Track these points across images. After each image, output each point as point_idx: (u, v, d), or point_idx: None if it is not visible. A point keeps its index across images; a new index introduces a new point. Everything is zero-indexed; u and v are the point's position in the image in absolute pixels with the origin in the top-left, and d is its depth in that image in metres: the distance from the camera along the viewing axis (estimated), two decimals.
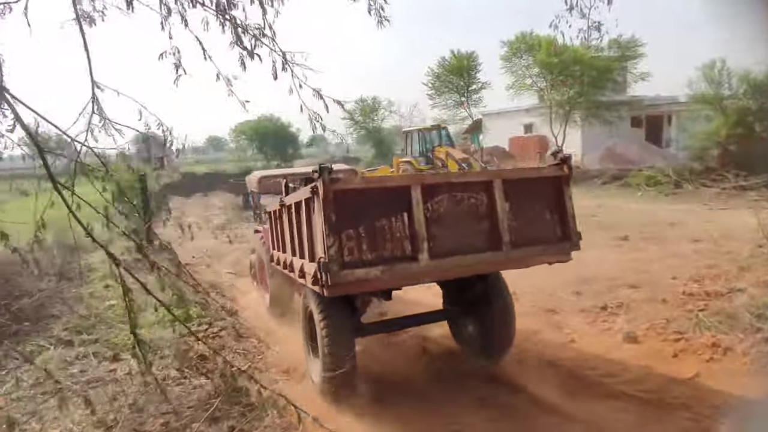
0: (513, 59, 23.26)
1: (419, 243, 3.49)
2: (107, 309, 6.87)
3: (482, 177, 4.22)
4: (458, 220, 3.69)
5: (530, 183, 4.07)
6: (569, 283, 7.27)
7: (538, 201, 3.98)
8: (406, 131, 22.00)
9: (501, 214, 3.72)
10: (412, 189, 3.53)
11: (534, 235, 3.91)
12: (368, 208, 3.50)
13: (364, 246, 3.45)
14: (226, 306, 8.21)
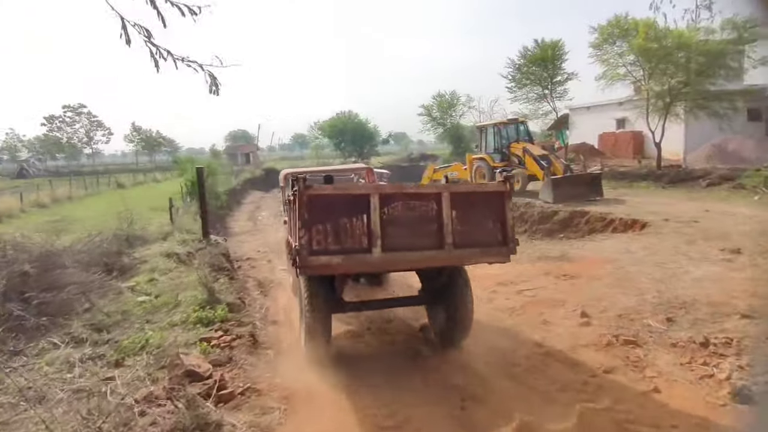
0: (604, 46, 20.97)
1: (374, 239, 4.28)
2: (137, 305, 6.56)
3: (433, 190, 4.77)
4: (410, 223, 4.45)
5: (476, 196, 4.86)
6: (659, 306, 5.91)
7: (482, 211, 4.66)
8: (480, 126, 20.63)
9: (447, 220, 4.42)
10: (371, 196, 4.33)
11: (475, 239, 4.60)
12: (335, 209, 4.34)
13: (330, 239, 4.28)
14: (263, 307, 7.72)
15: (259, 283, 9.87)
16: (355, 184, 6.63)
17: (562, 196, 15.49)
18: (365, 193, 4.43)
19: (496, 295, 7.32)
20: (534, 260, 9.12)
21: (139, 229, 11.59)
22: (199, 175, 11.15)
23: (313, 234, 4.24)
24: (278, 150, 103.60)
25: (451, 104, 38.62)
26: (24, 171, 54.59)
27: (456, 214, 4.48)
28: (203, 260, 10.10)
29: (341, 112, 44.68)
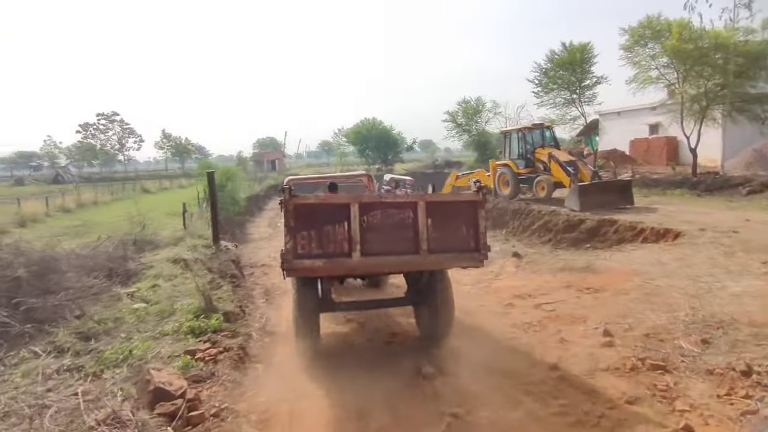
0: (635, 48, 20.03)
1: (353, 244, 4.57)
2: (131, 313, 6.28)
3: (409, 199, 5.02)
4: (387, 229, 4.71)
5: (451, 205, 5.06)
6: (693, 325, 5.29)
7: (456, 219, 4.86)
8: (504, 131, 19.98)
9: (422, 227, 4.68)
10: (351, 206, 4.61)
11: (449, 245, 4.82)
12: (319, 217, 4.62)
13: (313, 244, 4.59)
14: (263, 316, 7.37)
15: (266, 291, 9.56)
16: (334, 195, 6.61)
17: (589, 203, 14.74)
18: (346, 202, 4.71)
19: (512, 308, 6.78)
20: (556, 271, 8.52)
21: (151, 234, 11.45)
22: (210, 180, 10.95)
23: (298, 239, 4.58)
24: (305, 157, 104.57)
25: (476, 110, 37.89)
26: (59, 177, 56.33)
27: (431, 222, 4.77)
28: (211, 266, 9.91)
29: (365, 118, 44.49)
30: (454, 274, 9.55)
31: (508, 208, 17.77)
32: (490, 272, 9.32)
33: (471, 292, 7.83)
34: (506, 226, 17.25)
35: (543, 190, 17.20)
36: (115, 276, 8.10)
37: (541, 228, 15.09)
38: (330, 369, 4.90)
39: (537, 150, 17.86)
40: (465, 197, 5.18)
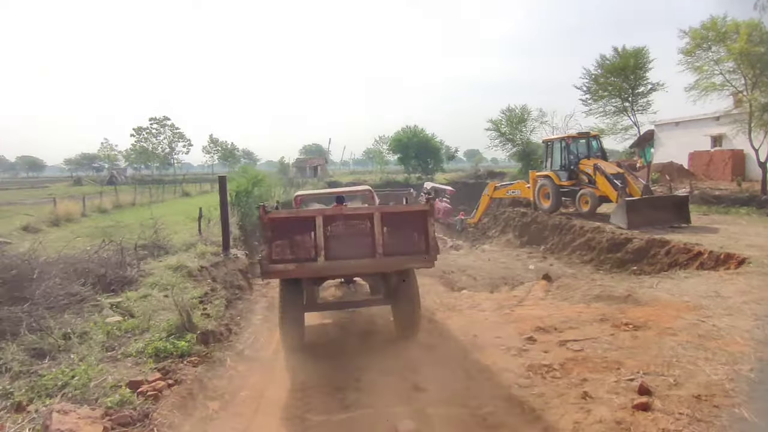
0: (696, 52, 18.27)
1: (319, 250, 5.36)
2: (101, 327, 5.70)
3: (367, 211, 5.69)
4: (348, 237, 5.53)
5: (403, 214, 5.79)
6: (762, 386, 4.09)
7: (408, 227, 5.61)
8: (546, 140, 18.64)
9: (378, 234, 5.40)
10: (316, 218, 5.40)
11: (402, 249, 5.55)
12: (291, 228, 5.43)
13: (287, 251, 5.40)
14: (253, 337, 6.64)
15: (270, 305, 8.88)
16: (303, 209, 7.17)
17: (638, 220, 13.30)
18: (312, 215, 5.45)
19: (532, 344, 5.74)
20: (590, 300, 7.35)
21: (164, 240, 11.05)
22: (221, 185, 10.46)
23: (273, 247, 5.32)
24: (351, 165, 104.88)
25: (521, 119, 36.26)
26: (113, 178, 58.70)
27: (386, 230, 5.43)
28: (215, 275, 9.35)
29: (407, 126, 43.62)
30: (474, 299, 8.68)
31: (547, 222, 16.49)
32: (514, 297, 8.28)
33: (488, 320, 6.83)
34: (545, 242, 15.98)
35: (586, 205, 15.78)
36: (106, 283, 7.65)
37: (583, 246, 13.77)
38: None
39: (582, 161, 16.47)
40: (416, 207, 5.87)
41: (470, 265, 14.00)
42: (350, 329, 6.98)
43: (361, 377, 5.10)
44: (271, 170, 57.78)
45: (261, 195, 20.14)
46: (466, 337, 6.15)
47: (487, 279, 11.94)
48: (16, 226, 15.23)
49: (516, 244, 17.38)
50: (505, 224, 19.13)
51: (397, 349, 5.83)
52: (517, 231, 17.85)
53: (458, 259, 15.35)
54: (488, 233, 20.08)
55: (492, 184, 21.53)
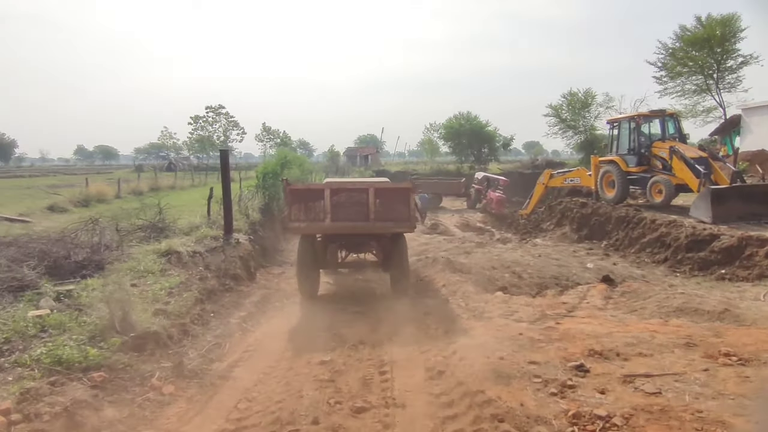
0: None
1: (326, 214, 7.00)
2: (20, 322, 4.50)
3: (364, 186, 7.39)
4: (349, 205, 7.10)
5: (392, 190, 7.45)
6: None
7: (395, 199, 7.21)
8: (612, 120, 16.14)
9: (371, 204, 7.04)
10: (325, 190, 7.10)
11: (389, 216, 7.12)
12: (306, 197, 7.13)
13: (302, 213, 7.04)
14: (219, 344, 5.27)
15: (263, 299, 7.57)
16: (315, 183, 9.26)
17: (726, 213, 10.92)
18: (322, 188, 7.25)
19: (581, 378, 3.97)
20: (668, 313, 5.41)
21: (169, 221, 10.01)
22: (223, 160, 9.20)
23: (293, 210, 7.06)
24: (407, 156, 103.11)
25: (584, 103, 33.19)
26: (172, 165, 60.33)
27: (378, 201, 7.10)
28: (210, 262, 8.12)
29: (459, 112, 41.32)
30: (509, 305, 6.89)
31: (611, 214, 14.19)
32: (562, 304, 6.43)
33: (523, 336, 5.05)
34: (607, 237, 13.74)
35: (660, 194, 13.36)
36: (68, 268, 6.55)
37: (655, 243, 11.49)
38: None
39: (655, 144, 14.02)
40: (401, 185, 7.57)
41: (517, 261, 12.09)
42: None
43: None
44: (325, 161, 57.49)
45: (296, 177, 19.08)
46: (489, 359, 4.45)
47: (534, 278, 10.03)
48: (43, 205, 14.95)
49: (573, 238, 15.15)
50: (561, 216, 16.86)
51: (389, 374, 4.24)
52: (574, 224, 15.59)
53: (503, 254, 13.45)
54: (542, 225, 17.89)
55: (548, 171, 19.27)
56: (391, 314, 6.37)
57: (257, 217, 13.07)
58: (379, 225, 7.08)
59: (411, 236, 17.75)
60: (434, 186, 27.43)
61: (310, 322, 6.12)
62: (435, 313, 6.41)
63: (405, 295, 7.36)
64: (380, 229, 7.21)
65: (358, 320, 6.23)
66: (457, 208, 25.81)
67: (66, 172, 60.89)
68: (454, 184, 27.80)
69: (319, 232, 7.47)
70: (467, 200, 27.12)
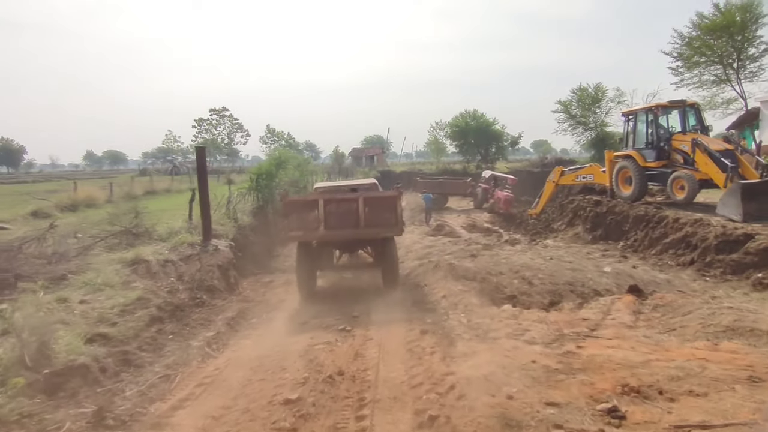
0: None
1: (320, 222, 7.53)
2: None
3: (354, 196, 7.94)
4: (341, 214, 7.67)
5: (380, 198, 8.11)
6: None
7: (383, 206, 7.82)
8: (628, 113, 15.09)
9: (361, 212, 7.62)
10: (318, 200, 7.65)
11: (378, 223, 7.71)
12: (302, 207, 7.75)
13: (298, 223, 7.61)
14: (168, 377, 4.36)
15: (239, 315, 6.67)
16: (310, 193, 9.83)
17: (757, 211, 9.92)
18: (316, 199, 7.76)
19: (616, 430, 3.00)
20: (716, 333, 4.41)
21: (147, 226, 9.17)
22: (199, 158, 8.34)
23: (291, 220, 7.65)
24: (414, 157, 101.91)
25: (594, 99, 32.03)
26: (175, 168, 59.79)
27: (367, 209, 7.67)
28: (183, 271, 7.24)
29: (465, 110, 40.29)
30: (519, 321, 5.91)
31: (628, 213, 13.17)
32: (582, 321, 5.45)
33: (537, 365, 4.08)
34: (624, 237, 12.74)
35: (682, 191, 12.32)
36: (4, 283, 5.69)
37: (679, 243, 10.47)
38: None
39: (675, 136, 12.97)
40: (388, 194, 8.31)
41: (527, 265, 11.13)
42: None
43: None
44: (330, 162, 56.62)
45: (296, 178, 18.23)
46: (495, 398, 3.52)
47: (547, 285, 9.08)
48: (27, 211, 14.21)
49: (586, 239, 14.14)
50: (573, 215, 15.84)
51: (368, 420, 3.31)
52: (588, 223, 14.57)
53: (512, 257, 12.50)
54: (552, 225, 16.88)
55: (558, 168, 18.24)
56: (382, 333, 5.46)
57: (247, 220, 12.22)
58: (368, 231, 7.75)
59: (414, 239, 16.91)
60: (439, 186, 26.46)
61: (285, 344, 5.22)
62: (432, 330, 5.48)
63: (400, 310, 6.93)
64: (369, 234, 7.89)
65: (343, 341, 5.31)
66: (464, 208, 24.82)
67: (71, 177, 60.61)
68: (460, 184, 26.82)
69: (314, 239, 8.04)
70: (474, 200, 26.14)
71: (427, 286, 7.93)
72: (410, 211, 25.43)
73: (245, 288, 8.35)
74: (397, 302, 7.34)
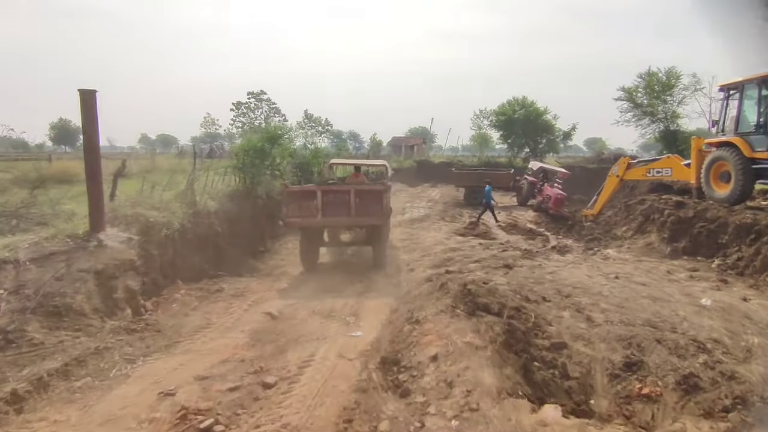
0: None
1: (318, 210, 8.73)
2: None
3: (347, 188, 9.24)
4: (335, 203, 8.83)
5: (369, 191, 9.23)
6: None
7: (371, 198, 9.01)
8: (727, 86, 11.36)
9: (352, 202, 8.78)
10: (317, 191, 8.92)
11: (367, 212, 8.92)
12: (301, 196, 8.94)
13: (297, 209, 8.82)
14: None
15: (71, 367, 3.92)
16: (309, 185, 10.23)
17: None
18: (314, 189, 8.98)
19: None
20: None
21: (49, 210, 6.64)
22: (84, 103, 5.59)
23: (290, 207, 8.79)
24: (461, 150, 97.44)
25: (666, 85, 27.49)
26: (213, 151, 58.88)
27: (357, 200, 8.79)
28: (24, 280, 4.58)
29: (513, 98, 36.26)
30: None
31: (728, 220, 9.69)
32: None
33: None
34: (722, 253, 9.31)
35: None
36: None
37: None
38: None
39: None
40: (375, 187, 9.47)
41: (582, 286, 7.98)
42: None
43: None
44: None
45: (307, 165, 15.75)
46: None
47: (615, 324, 6.01)
48: None
49: (663, 251, 10.68)
50: (644, 219, 12.32)
51: None
52: (666, 231, 11.05)
53: (561, 271, 9.35)
54: (615, 231, 13.39)
55: (624, 159, 14.64)
56: None
57: (214, 206, 9.59)
58: (357, 219, 9.06)
59: (438, 238, 13.80)
60: (477, 177, 23.12)
61: None
62: None
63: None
64: (359, 222, 9.38)
65: None
66: (505, 205, 21.36)
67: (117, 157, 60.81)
68: (502, 176, 23.32)
69: (312, 225, 9.16)
70: (517, 195, 22.68)
71: (418, 325, 4.87)
72: (443, 205, 22.33)
73: (156, 307, 5.60)
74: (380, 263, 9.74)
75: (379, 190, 9.18)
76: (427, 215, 18.39)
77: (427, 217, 17.94)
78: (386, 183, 10.44)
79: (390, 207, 11.25)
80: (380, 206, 9.01)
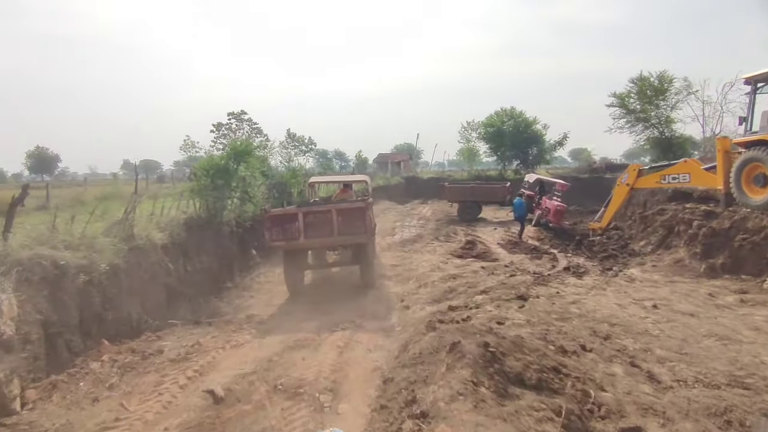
0: None
1: (300, 233, 8.52)
2: None
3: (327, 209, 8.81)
4: (318, 224, 8.59)
5: (350, 209, 8.91)
6: None
7: (354, 216, 8.75)
8: (754, 78, 10.05)
9: (335, 221, 8.58)
10: (298, 213, 8.62)
11: (350, 230, 8.69)
12: (283, 219, 8.64)
13: (280, 233, 8.55)
14: None
15: None
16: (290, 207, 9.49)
17: None
18: (296, 212, 8.69)
19: None
20: None
21: None
22: None
23: (273, 231, 8.52)
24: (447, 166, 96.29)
25: (658, 90, 26.45)
26: (192, 175, 57.01)
27: (339, 219, 8.58)
28: None
29: (501, 108, 35.02)
30: None
31: (764, 228, 8.26)
32: None
33: None
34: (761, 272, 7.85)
35: None
36: None
37: None
38: None
39: None
40: (357, 205, 9.15)
41: (618, 320, 6.45)
42: None
43: None
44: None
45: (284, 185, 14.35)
46: None
47: (692, 386, 4.44)
48: None
49: (697, 269, 9.18)
50: (667, 232, 10.85)
51: None
52: (697, 246, 9.55)
53: (584, 300, 7.84)
54: (632, 246, 11.88)
55: (634, 166, 13.18)
56: None
57: (160, 237, 7.85)
58: (341, 238, 8.92)
59: (434, 262, 12.13)
60: (471, 192, 21.60)
61: None
62: None
63: None
64: (342, 241, 9.22)
65: None
66: (501, 220, 19.81)
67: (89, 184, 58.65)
68: (497, 189, 21.75)
69: (295, 248, 8.99)
70: (513, 210, 21.23)
71: (426, 424, 3.14)
72: (435, 223, 20.72)
73: (47, 393, 3.89)
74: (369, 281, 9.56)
75: (361, 208, 8.90)
76: (420, 235, 16.67)
77: (420, 237, 16.22)
78: (368, 200, 9.86)
79: (374, 223, 10.97)
80: (363, 224, 8.73)
